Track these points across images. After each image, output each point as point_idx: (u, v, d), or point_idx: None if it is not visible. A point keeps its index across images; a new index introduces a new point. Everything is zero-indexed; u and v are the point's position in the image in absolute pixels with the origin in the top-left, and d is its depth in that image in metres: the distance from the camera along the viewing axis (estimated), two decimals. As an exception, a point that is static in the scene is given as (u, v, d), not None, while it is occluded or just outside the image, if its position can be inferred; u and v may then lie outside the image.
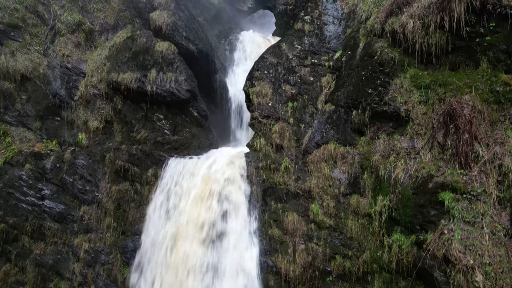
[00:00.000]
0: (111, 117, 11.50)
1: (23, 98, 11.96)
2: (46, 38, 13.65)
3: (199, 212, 8.95)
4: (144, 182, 10.14)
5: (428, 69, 9.03)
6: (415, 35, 8.91)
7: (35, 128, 11.78)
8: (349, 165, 9.16)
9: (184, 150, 11.08)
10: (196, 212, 8.92)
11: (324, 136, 9.84)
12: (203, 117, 11.73)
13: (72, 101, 11.89)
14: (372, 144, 9.05)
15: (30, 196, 9.90)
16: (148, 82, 10.96)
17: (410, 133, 8.47)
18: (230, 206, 9.14)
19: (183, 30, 11.93)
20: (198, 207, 8.99)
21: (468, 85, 8.11)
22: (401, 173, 8.00)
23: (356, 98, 9.60)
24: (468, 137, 7.37)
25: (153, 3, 12.47)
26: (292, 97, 10.93)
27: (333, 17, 12.25)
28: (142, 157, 10.30)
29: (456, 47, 8.60)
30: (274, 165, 9.77)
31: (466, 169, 7.24)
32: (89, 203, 10.10)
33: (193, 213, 9.17)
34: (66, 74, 12.37)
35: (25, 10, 13.57)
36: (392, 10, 9.66)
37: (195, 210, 9.21)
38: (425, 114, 8.41)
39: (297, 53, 11.66)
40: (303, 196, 9.25)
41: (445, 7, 8.39)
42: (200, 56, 12.32)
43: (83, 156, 10.59)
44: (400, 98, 8.84)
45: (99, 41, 13.96)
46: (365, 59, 9.84)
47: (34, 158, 10.39)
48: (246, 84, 11.28)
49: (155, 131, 11.25)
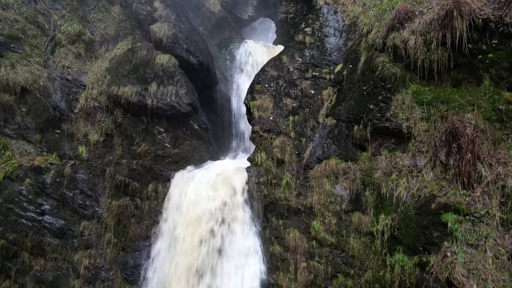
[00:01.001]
0: (112, 130, 11.45)
1: (23, 111, 11.93)
2: (46, 49, 13.62)
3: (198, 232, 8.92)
4: (144, 197, 10.09)
5: (430, 85, 8.99)
6: (417, 51, 8.87)
7: (35, 141, 11.74)
8: (351, 181, 9.11)
9: (184, 163, 11.02)
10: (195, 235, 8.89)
11: (326, 151, 9.79)
12: (204, 130, 11.69)
13: (72, 113, 11.85)
14: (373, 160, 9.00)
15: (30, 212, 9.86)
16: (148, 96, 10.92)
17: (412, 150, 8.42)
18: (231, 222, 9.08)
19: (183, 42, 11.89)
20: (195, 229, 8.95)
21: (471, 103, 8.06)
22: (403, 192, 7.95)
23: (357, 113, 9.55)
24: (471, 157, 7.32)
25: (154, 15, 12.43)
26: (293, 111, 10.88)
27: (334, 29, 12.22)
28: (142, 172, 10.25)
29: (458, 64, 8.56)
30: (275, 180, 9.73)
31: (469, 189, 7.19)
32: (89, 218, 10.06)
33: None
34: (66, 86, 12.33)
35: (25, 21, 13.55)
36: (394, 25, 9.62)
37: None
38: (427, 131, 8.37)
39: (298, 66, 11.63)
40: (304, 213, 9.20)
41: (447, 24, 8.35)
42: (200, 68, 12.28)
43: (83, 170, 10.54)
44: (402, 114, 8.79)
45: (100, 52, 13.93)
46: (367, 74, 9.80)
47: (34, 173, 10.34)
48: (247, 97, 11.24)
49: (155, 144, 11.20)
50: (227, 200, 9.30)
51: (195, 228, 8.75)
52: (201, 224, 8.75)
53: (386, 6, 10.68)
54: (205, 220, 8.81)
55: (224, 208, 9.11)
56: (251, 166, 10.25)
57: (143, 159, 10.73)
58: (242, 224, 9.11)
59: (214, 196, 9.25)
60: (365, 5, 11.91)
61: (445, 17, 8.38)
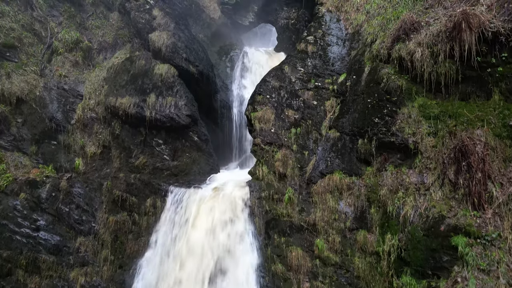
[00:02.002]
0: (109, 142, 11.18)
1: (18, 122, 11.66)
2: (42, 57, 13.36)
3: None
4: (142, 213, 9.80)
5: (437, 98, 8.71)
6: (424, 63, 8.60)
7: (31, 152, 11.47)
8: (355, 198, 8.83)
9: (184, 176, 10.75)
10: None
11: (329, 165, 9.51)
12: (204, 142, 11.41)
13: (69, 124, 11.57)
14: (379, 176, 8.71)
15: (24, 228, 9.58)
16: (147, 107, 10.64)
17: (419, 167, 8.14)
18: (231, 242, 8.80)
19: (183, 51, 11.62)
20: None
21: (480, 118, 7.78)
22: (411, 211, 7.66)
23: (361, 127, 9.27)
24: (481, 176, 7.03)
25: (152, 24, 12.16)
26: (295, 123, 10.61)
27: (337, 37, 11.95)
28: (140, 187, 9.97)
29: (467, 77, 8.28)
30: (277, 195, 9.45)
31: (479, 210, 6.91)
32: (86, 234, 9.77)
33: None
34: (63, 96, 12.06)
35: (21, 29, 13.29)
36: (399, 35, 9.34)
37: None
38: (434, 147, 8.08)
39: (300, 76, 11.36)
40: (307, 230, 8.91)
41: (455, 37, 8.08)
42: (200, 77, 12.01)
43: (80, 184, 10.26)
44: (408, 129, 8.51)
45: (97, 60, 13.67)
46: (371, 86, 9.53)
47: (29, 187, 10.07)
48: (247, 108, 10.97)
49: (154, 156, 10.92)
50: (227, 218, 9.01)
51: (192, 254, 8.46)
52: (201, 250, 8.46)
53: (390, 16, 10.41)
54: (204, 247, 8.51)
55: (224, 227, 8.83)
56: (252, 180, 9.96)
57: (141, 173, 10.45)
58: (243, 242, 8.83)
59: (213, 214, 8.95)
60: (368, 13, 11.64)
61: (453, 29, 8.10)
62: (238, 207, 9.34)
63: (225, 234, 8.93)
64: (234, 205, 9.31)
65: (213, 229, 8.76)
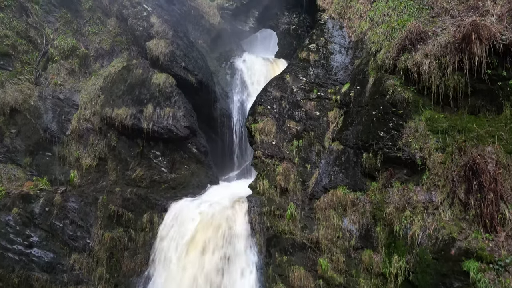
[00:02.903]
0: (105, 154, 10.85)
1: (12, 132, 11.33)
2: (38, 65, 13.03)
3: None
4: (139, 229, 9.47)
5: (445, 112, 8.38)
6: (431, 76, 8.27)
7: (25, 164, 11.13)
8: (360, 215, 8.49)
9: (182, 189, 10.41)
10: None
11: (332, 180, 9.18)
12: (203, 153, 11.07)
13: (64, 135, 11.24)
14: (385, 192, 8.37)
15: (17, 244, 9.25)
16: (144, 119, 10.31)
17: (427, 184, 7.80)
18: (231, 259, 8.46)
19: (181, 60, 11.29)
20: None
21: (491, 134, 7.45)
22: (419, 231, 7.32)
23: (366, 140, 8.94)
24: (494, 196, 6.70)
25: (150, 31, 11.82)
26: (297, 135, 10.27)
27: (340, 45, 11.62)
28: (137, 202, 9.64)
29: (476, 90, 7.95)
30: (279, 211, 9.11)
31: (491, 233, 6.57)
32: (80, 251, 9.44)
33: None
34: (58, 105, 11.73)
35: (16, 36, 12.96)
36: (405, 46, 9.02)
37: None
38: (443, 164, 7.75)
39: (302, 86, 11.03)
40: (310, 248, 8.58)
41: (464, 49, 7.75)
42: (199, 87, 11.69)
43: (75, 198, 9.93)
44: (415, 143, 8.18)
45: (94, 68, 13.34)
46: (376, 98, 9.19)
47: (22, 201, 9.74)
48: (248, 119, 10.64)
49: (151, 168, 10.59)
50: (226, 234, 8.68)
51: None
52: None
53: (395, 24, 10.08)
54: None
55: (224, 246, 8.49)
56: (253, 194, 9.63)
57: (138, 186, 10.12)
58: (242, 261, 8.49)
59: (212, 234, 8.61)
60: (372, 20, 11.32)
61: (462, 41, 7.78)
62: (238, 224, 9.00)
63: (222, 253, 8.59)
64: (233, 221, 8.97)
65: (211, 248, 8.42)
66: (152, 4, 12.62)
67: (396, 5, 10.90)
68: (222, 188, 10.62)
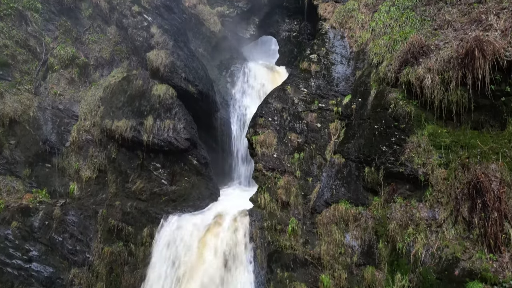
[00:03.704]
0: (105, 166, 10.76)
1: (11, 144, 11.23)
2: (37, 74, 12.95)
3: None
4: (139, 243, 9.39)
5: (448, 127, 8.31)
6: (434, 90, 8.20)
7: (24, 175, 11.04)
8: (362, 230, 8.42)
9: (182, 202, 10.33)
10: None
11: (334, 194, 9.10)
12: (203, 165, 10.99)
13: (64, 147, 11.16)
14: (387, 208, 8.30)
15: (16, 259, 9.17)
16: (144, 131, 10.23)
17: (430, 201, 7.73)
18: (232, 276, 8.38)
19: (182, 71, 11.22)
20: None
21: (494, 151, 7.38)
22: (422, 250, 7.25)
23: (368, 154, 8.87)
24: (498, 215, 6.63)
25: (150, 42, 11.74)
26: (298, 147, 10.20)
27: (341, 55, 11.55)
28: (137, 216, 9.56)
29: (480, 106, 7.89)
30: (280, 225, 9.04)
31: (496, 253, 6.50)
32: (80, 265, 9.35)
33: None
34: (58, 116, 11.65)
35: (15, 45, 12.88)
36: (407, 59, 8.95)
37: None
38: (446, 180, 7.68)
39: (303, 97, 10.96)
40: (312, 264, 8.50)
41: (468, 64, 7.69)
42: (200, 97, 11.61)
43: (74, 211, 9.85)
44: (418, 159, 8.11)
45: (94, 77, 13.25)
46: (378, 111, 9.13)
47: (21, 215, 9.66)
48: (249, 131, 10.57)
49: (151, 181, 10.51)
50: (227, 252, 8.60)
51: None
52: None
53: (397, 36, 10.02)
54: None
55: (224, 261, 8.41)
56: (254, 208, 9.56)
57: (138, 198, 10.04)
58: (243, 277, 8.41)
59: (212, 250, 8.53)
60: (374, 31, 11.25)
61: (466, 56, 7.71)
62: (239, 238, 8.92)
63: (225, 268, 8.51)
64: (234, 237, 8.89)
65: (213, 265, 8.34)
66: (153, 14, 12.54)
67: (398, 16, 10.84)
68: (222, 202, 10.49)
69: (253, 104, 14.72)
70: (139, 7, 12.54)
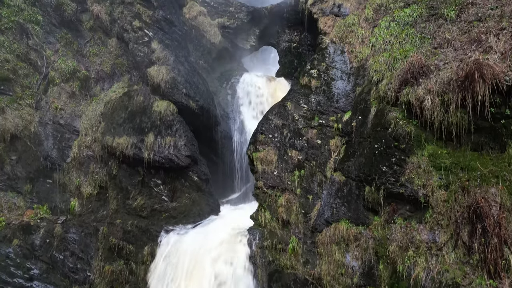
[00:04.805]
0: (106, 183, 10.80)
1: (12, 159, 11.28)
2: (38, 88, 13.00)
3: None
4: (139, 261, 9.42)
5: (448, 147, 8.33)
6: (434, 112, 8.23)
7: (25, 191, 11.09)
8: (363, 251, 8.44)
9: (183, 218, 10.36)
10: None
11: (335, 213, 9.13)
12: (204, 181, 11.02)
13: (65, 163, 11.20)
14: (387, 228, 8.32)
15: (17, 277, 9.20)
16: (145, 148, 10.27)
17: (430, 223, 7.75)
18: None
19: (182, 86, 11.26)
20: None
21: (494, 174, 7.40)
22: (422, 273, 7.27)
23: (369, 174, 8.89)
24: (497, 241, 6.65)
25: (151, 57, 11.77)
26: (299, 164, 10.23)
27: (341, 71, 11.58)
28: (137, 234, 9.59)
29: (479, 128, 7.91)
30: (281, 245, 9.06)
31: (496, 279, 6.51)
32: (81, 284, 9.39)
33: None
34: (59, 131, 11.69)
35: (16, 60, 12.94)
36: (407, 79, 8.98)
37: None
38: (446, 202, 7.70)
39: (304, 113, 10.99)
40: (312, 284, 8.52)
41: (467, 87, 7.71)
42: (201, 112, 11.65)
43: (75, 229, 9.88)
44: (418, 180, 8.13)
45: (95, 91, 13.30)
46: (378, 130, 9.15)
47: (22, 232, 9.69)
48: (249, 148, 10.60)
49: (152, 197, 10.54)
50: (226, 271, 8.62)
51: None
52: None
53: (397, 54, 10.03)
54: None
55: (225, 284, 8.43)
56: (254, 226, 9.58)
57: (138, 217, 10.07)
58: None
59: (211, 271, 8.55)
60: (374, 47, 11.28)
61: (465, 79, 7.74)
62: (240, 257, 8.94)
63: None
64: (235, 256, 8.91)
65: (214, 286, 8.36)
66: (153, 28, 12.58)
67: (398, 32, 10.87)
68: (222, 219, 10.49)
69: (253, 116, 14.79)
70: (140, 22, 12.59)
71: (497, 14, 9.26)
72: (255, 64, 21.82)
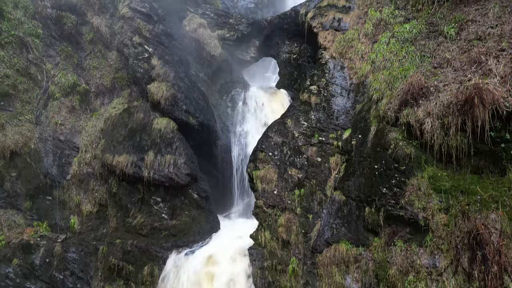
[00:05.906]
0: (106, 201, 10.80)
1: (12, 176, 11.28)
2: (38, 103, 13.01)
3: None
4: (139, 282, 9.41)
5: (448, 170, 8.33)
6: (434, 134, 8.23)
7: (25, 208, 11.08)
8: (363, 273, 8.43)
9: (183, 237, 10.34)
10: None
11: (335, 234, 9.12)
12: (204, 199, 11.01)
13: (65, 180, 11.19)
14: (387, 251, 8.31)
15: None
16: (145, 167, 10.26)
17: (431, 247, 7.74)
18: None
19: (183, 103, 11.26)
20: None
21: (494, 199, 7.40)
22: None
23: (369, 194, 8.89)
24: (497, 269, 6.64)
25: (151, 74, 11.76)
26: (299, 183, 10.23)
27: (341, 87, 11.59)
28: (137, 254, 9.57)
29: (479, 151, 7.91)
30: (281, 266, 9.05)
31: (496, 307, 6.51)
32: (81, 304, 9.37)
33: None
34: (59, 147, 11.69)
35: (16, 74, 12.95)
36: (407, 99, 8.99)
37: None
38: (446, 226, 7.69)
39: (304, 130, 10.99)
40: (312, 307, 8.51)
41: (467, 111, 7.72)
42: (201, 128, 11.65)
43: (75, 248, 9.87)
44: (418, 203, 8.13)
45: (95, 105, 13.30)
46: (378, 151, 9.16)
47: (22, 252, 9.69)
48: (249, 166, 10.59)
49: (152, 215, 10.53)
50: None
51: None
52: None
53: (397, 73, 10.04)
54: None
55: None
56: (254, 246, 9.56)
57: (138, 235, 10.06)
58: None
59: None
60: (374, 63, 11.29)
61: (465, 103, 7.74)
62: (240, 279, 8.94)
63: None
64: (235, 277, 8.90)
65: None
66: (153, 43, 12.59)
67: (398, 49, 10.89)
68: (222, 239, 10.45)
69: (253, 129, 14.77)
70: (140, 38, 12.59)
71: (496, 34, 9.28)
72: (255, 71, 21.78)
